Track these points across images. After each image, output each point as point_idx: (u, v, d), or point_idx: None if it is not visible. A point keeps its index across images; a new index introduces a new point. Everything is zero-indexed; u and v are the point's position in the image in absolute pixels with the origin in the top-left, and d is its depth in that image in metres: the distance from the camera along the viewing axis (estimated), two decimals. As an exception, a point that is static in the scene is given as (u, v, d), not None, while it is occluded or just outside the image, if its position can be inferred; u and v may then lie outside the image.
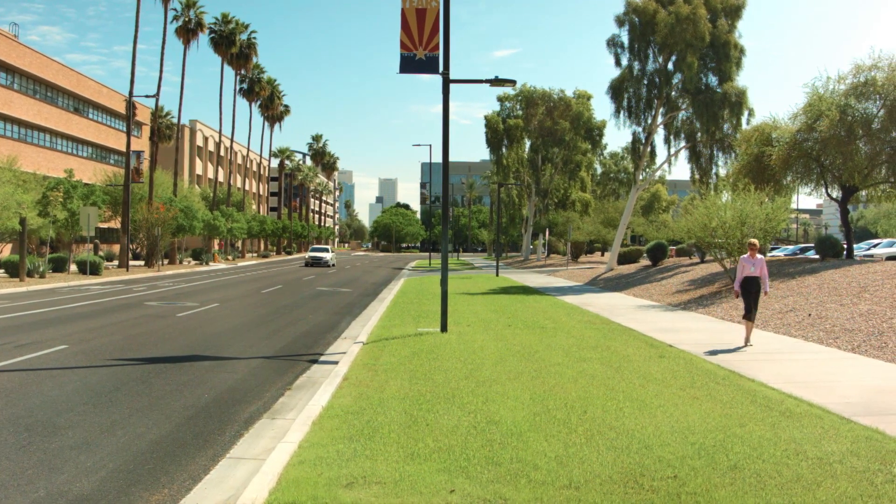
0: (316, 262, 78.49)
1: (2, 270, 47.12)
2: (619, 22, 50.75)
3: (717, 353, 17.15)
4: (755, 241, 18.69)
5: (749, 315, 18.51)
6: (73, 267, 52.92)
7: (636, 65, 50.87)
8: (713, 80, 48.75)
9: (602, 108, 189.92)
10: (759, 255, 18.69)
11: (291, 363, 16.65)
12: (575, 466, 8.37)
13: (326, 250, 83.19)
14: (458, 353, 16.58)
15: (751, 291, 18.59)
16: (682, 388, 12.74)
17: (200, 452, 9.56)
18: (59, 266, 49.74)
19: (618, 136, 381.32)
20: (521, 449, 9.00)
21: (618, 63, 51.83)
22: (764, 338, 19.92)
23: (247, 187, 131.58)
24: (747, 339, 18.46)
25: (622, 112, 51.65)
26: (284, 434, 9.89)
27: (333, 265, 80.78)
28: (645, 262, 54.34)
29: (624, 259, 57.66)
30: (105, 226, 73.73)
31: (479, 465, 8.41)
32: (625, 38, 50.86)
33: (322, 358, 17.30)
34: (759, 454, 8.85)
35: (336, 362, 15.97)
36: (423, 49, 20.53)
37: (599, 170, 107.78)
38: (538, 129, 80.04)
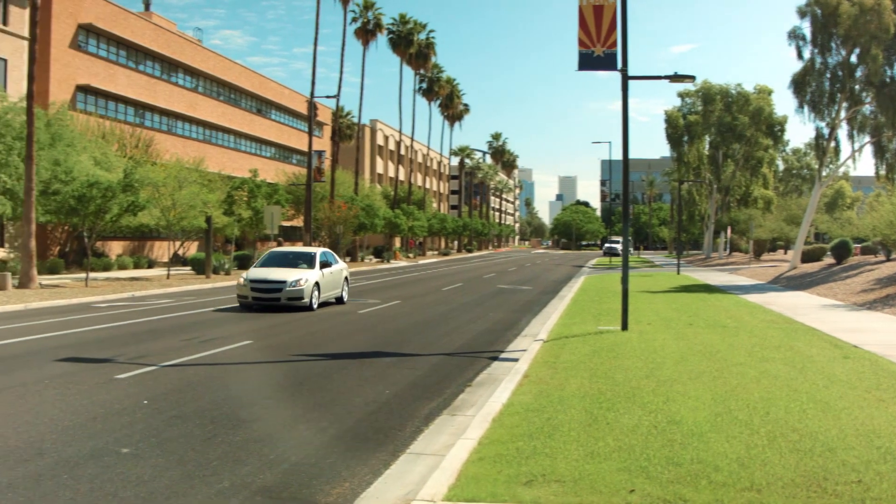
0: (267, 299, 25.85)
1: (188, 268, 49.03)
2: (801, 14, 49.18)
3: None
4: None
5: None
6: (258, 265, 54.41)
7: (818, 58, 49.13)
8: (898, 72, 46.70)
9: (782, 103, 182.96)
10: None
11: (471, 360, 16.69)
12: (756, 468, 8.12)
13: (310, 259, 27.92)
14: (638, 351, 16.30)
15: None
16: (868, 391, 12.15)
17: (381, 447, 9.63)
18: (243, 264, 50.85)
19: (800, 132, 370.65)
20: (701, 450, 8.77)
21: (800, 56, 50.19)
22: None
23: (427, 185, 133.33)
24: None
25: (805, 106, 50.05)
26: (464, 430, 9.85)
27: (313, 304, 26.16)
28: (828, 260, 52.59)
29: (807, 257, 55.95)
30: (288, 224, 75.70)
31: (660, 465, 8.23)
32: (806, 31, 49.35)
33: (502, 355, 17.28)
34: (955, 461, 8.35)
35: (516, 360, 15.89)
36: (601, 46, 20.27)
37: (781, 166, 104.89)
38: (717, 125, 78.31)
